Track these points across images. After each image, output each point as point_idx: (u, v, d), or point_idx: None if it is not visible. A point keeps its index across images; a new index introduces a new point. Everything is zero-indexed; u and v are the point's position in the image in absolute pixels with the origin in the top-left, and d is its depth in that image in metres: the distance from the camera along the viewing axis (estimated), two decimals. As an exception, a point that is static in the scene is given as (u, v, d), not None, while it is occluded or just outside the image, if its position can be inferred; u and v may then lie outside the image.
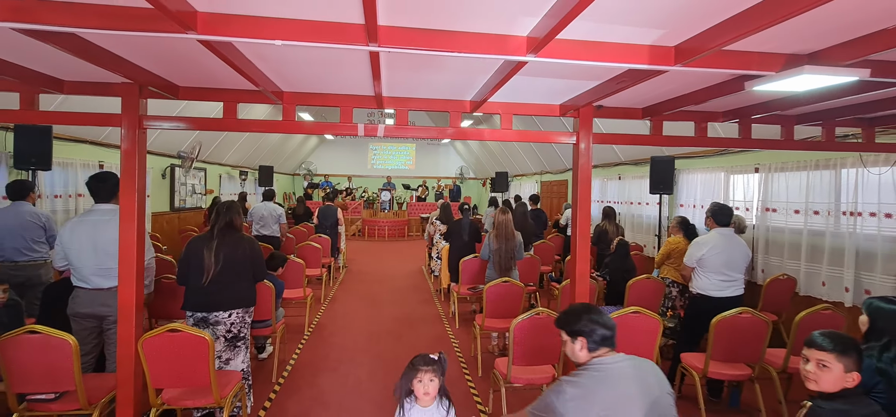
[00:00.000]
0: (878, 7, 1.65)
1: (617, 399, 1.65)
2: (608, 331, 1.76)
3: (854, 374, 1.79)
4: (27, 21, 1.58)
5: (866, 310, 2.23)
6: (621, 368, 1.71)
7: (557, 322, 1.90)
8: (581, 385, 1.68)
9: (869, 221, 4.17)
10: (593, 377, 1.69)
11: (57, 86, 2.73)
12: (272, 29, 1.72)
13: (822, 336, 1.86)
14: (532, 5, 1.64)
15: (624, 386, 1.67)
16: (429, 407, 1.98)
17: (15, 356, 2.53)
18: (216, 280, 3.11)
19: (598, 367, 1.71)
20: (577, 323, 1.78)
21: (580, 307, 1.88)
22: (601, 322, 1.77)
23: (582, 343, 1.77)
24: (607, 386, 1.66)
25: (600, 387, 1.66)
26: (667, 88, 2.75)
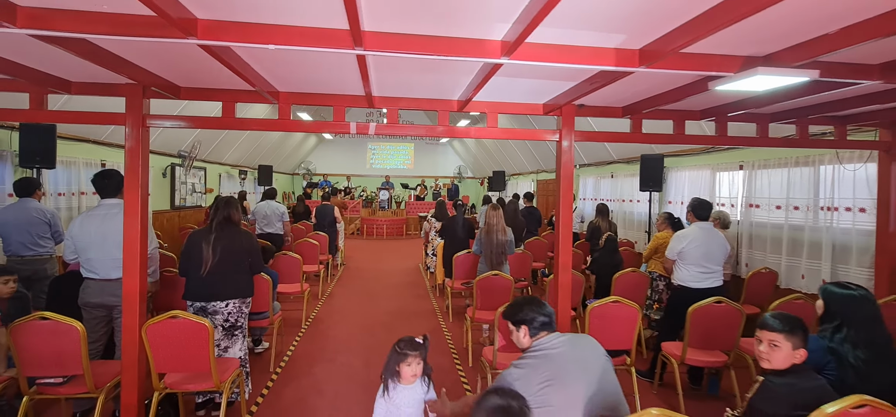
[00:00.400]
0: (823, 12, 1.81)
1: (555, 371, 1.85)
2: (546, 318, 1.97)
3: (801, 351, 1.96)
4: (44, 28, 1.74)
5: (822, 295, 2.39)
6: (558, 345, 1.91)
7: (504, 314, 2.10)
8: (523, 366, 1.90)
9: (844, 216, 4.32)
10: (535, 356, 1.90)
11: (65, 87, 2.89)
12: (266, 34, 1.88)
13: (773, 317, 2.02)
14: (504, 12, 1.80)
15: (560, 360, 1.88)
16: (412, 385, 2.14)
17: (26, 341, 2.69)
18: (214, 271, 3.27)
19: (538, 348, 1.93)
20: (520, 313, 1.99)
21: (523, 299, 2.07)
22: (540, 311, 1.98)
23: (524, 330, 1.99)
24: (546, 362, 1.87)
25: (541, 364, 1.86)
26: (641, 88, 2.91)
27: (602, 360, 1.95)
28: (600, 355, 1.97)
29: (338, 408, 3.56)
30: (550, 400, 1.80)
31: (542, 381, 1.81)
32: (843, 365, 2.16)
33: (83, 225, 3.27)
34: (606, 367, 1.94)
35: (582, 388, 1.84)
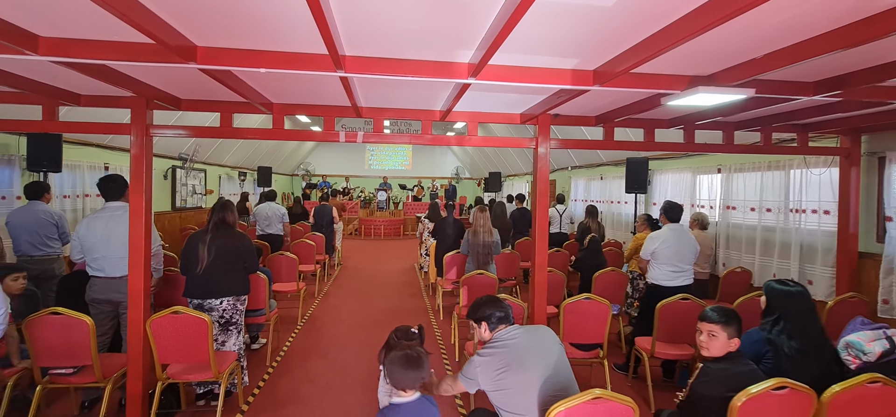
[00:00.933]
0: (749, 40, 2.04)
1: (511, 358, 2.09)
2: (502, 313, 2.21)
3: (736, 340, 2.19)
4: (62, 55, 1.98)
5: (765, 292, 2.62)
6: (515, 336, 2.15)
7: (467, 315, 2.33)
8: (484, 355, 2.14)
9: (811, 218, 4.56)
10: (494, 347, 2.15)
11: (75, 100, 3.13)
12: (258, 59, 2.12)
13: (712, 310, 2.26)
14: (467, 40, 2.04)
15: (517, 349, 2.12)
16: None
17: (39, 334, 2.93)
18: (209, 270, 3.48)
19: (497, 340, 2.17)
20: (479, 311, 2.23)
21: (482, 299, 2.30)
22: (497, 307, 2.22)
23: (484, 326, 2.22)
24: (504, 351, 2.12)
25: (500, 352, 2.11)
26: (607, 100, 3.14)
27: (556, 348, 2.18)
28: (555, 343, 2.20)
29: (329, 398, 3.79)
30: (507, 384, 2.03)
31: (499, 367, 2.04)
32: (779, 355, 2.39)
33: (89, 227, 3.50)
34: (560, 354, 2.18)
35: (537, 373, 2.07)
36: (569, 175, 10.57)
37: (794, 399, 2.00)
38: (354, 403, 3.71)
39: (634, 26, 1.87)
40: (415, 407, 1.84)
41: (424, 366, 1.86)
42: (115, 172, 4.28)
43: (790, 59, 2.04)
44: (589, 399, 1.86)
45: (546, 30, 1.91)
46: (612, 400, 1.89)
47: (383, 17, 1.83)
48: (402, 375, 1.83)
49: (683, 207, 4.24)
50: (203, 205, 10.62)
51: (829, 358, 2.42)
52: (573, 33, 1.97)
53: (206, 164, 10.82)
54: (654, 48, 1.95)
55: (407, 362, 1.82)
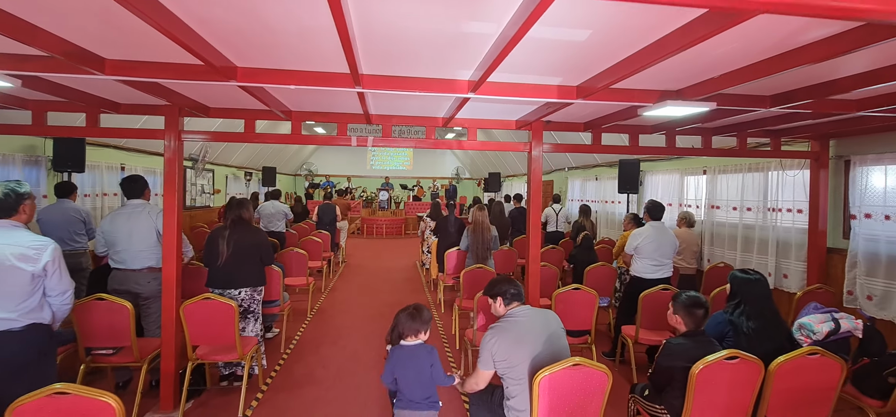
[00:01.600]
0: (704, 63, 2.39)
1: (520, 332, 2.40)
2: (516, 291, 2.52)
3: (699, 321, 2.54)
4: (124, 75, 2.33)
5: (729, 280, 2.98)
6: (524, 313, 2.46)
7: (485, 290, 2.66)
8: (497, 329, 2.44)
9: (786, 216, 4.91)
10: (507, 321, 2.46)
11: (115, 108, 3.49)
12: (289, 77, 2.47)
13: (681, 295, 2.61)
14: (467, 62, 2.39)
15: (525, 324, 2.43)
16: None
17: (85, 317, 3.28)
18: (228, 263, 3.82)
19: (510, 315, 2.48)
20: (496, 287, 2.55)
21: (499, 278, 2.63)
22: (513, 285, 2.54)
23: (500, 301, 2.53)
24: (515, 325, 2.43)
25: (511, 327, 2.42)
26: (592, 110, 3.50)
27: (559, 329, 2.49)
28: (558, 325, 2.51)
29: (341, 380, 4.14)
30: (514, 355, 2.36)
31: (511, 340, 2.37)
32: (738, 333, 2.75)
33: (112, 223, 3.82)
34: (561, 336, 2.49)
35: (538, 347, 2.38)
36: (565, 176, 10.92)
37: (744, 368, 2.35)
38: (365, 383, 4.06)
39: (606, 54, 2.22)
40: (415, 348, 2.49)
41: (424, 316, 2.50)
42: (132, 172, 4.62)
43: (739, 79, 2.40)
44: (569, 365, 2.22)
45: (533, 56, 2.26)
46: (589, 367, 2.25)
47: (397, 44, 2.18)
48: (408, 324, 2.46)
49: (664, 206, 4.59)
50: (211, 204, 10.97)
51: (783, 337, 2.77)
52: (556, 59, 2.33)
53: (214, 165, 11.18)
54: (625, 71, 2.31)
55: (411, 315, 2.47)
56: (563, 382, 2.21)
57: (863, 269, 4.08)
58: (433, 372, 2.46)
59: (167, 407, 3.49)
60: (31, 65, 2.32)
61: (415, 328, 2.48)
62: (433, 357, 2.50)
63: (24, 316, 2.38)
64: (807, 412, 2.51)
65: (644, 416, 2.73)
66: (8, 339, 2.34)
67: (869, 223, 4.04)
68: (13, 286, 2.34)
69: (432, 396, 2.49)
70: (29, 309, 2.39)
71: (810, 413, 2.52)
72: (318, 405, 3.68)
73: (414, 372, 2.44)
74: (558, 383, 2.21)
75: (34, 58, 2.30)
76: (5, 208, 2.40)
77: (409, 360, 2.46)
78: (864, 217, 4.08)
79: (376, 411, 3.58)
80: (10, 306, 2.34)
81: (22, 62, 2.32)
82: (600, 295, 5.03)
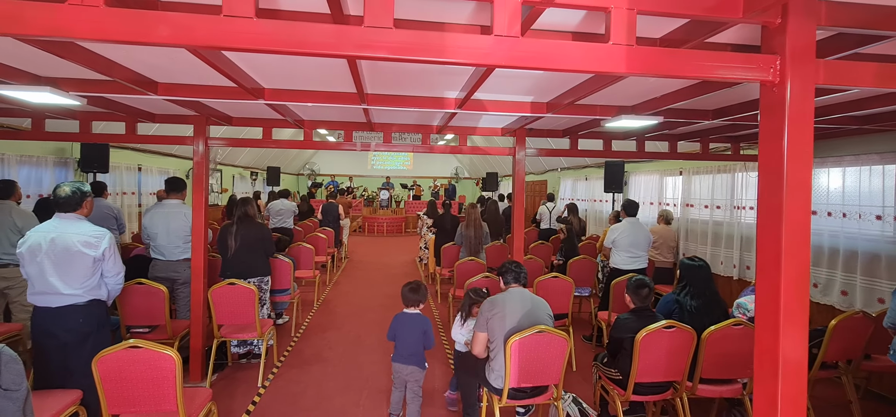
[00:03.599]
0: (639, 90, 2.91)
1: (505, 307, 2.89)
2: (514, 274, 3.02)
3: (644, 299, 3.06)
4: (173, 95, 2.85)
5: (679, 266, 3.49)
6: (513, 292, 2.96)
7: (497, 270, 3.18)
8: (489, 301, 2.97)
9: (749, 214, 5.42)
10: (502, 296, 2.96)
11: (151, 118, 4.01)
12: (307, 96, 2.99)
13: (631, 280, 3.12)
14: (453, 85, 2.91)
15: (510, 301, 2.92)
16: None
17: (127, 299, 3.79)
18: (236, 255, 4.33)
19: (506, 292, 2.98)
20: (501, 269, 3.09)
21: (508, 263, 3.11)
22: (512, 271, 3.03)
23: (502, 280, 3.05)
24: (506, 299, 2.93)
25: (500, 300, 2.92)
26: (565, 120, 4.01)
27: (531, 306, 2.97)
28: (537, 305, 2.97)
29: (345, 359, 4.66)
30: (495, 321, 2.87)
31: (497, 311, 2.87)
32: (683, 311, 3.26)
33: (152, 219, 4.36)
34: (536, 312, 2.95)
35: (513, 319, 2.88)
36: (558, 176, 11.43)
37: (679, 336, 2.86)
38: (366, 362, 4.58)
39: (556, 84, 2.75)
40: (413, 316, 3.25)
41: (421, 293, 3.24)
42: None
43: (670, 100, 2.93)
44: (535, 331, 2.73)
45: (507, 82, 2.78)
46: (551, 333, 2.76)
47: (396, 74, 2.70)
48: (409, 297, 3.22)
49: (638, 204, 5.10)
50: (219, 202, 11.50)
51: (720, 314, 3.28)
52: (525, 84, 2.86)
53: (222, 165, 11.71)
54: (579, 94, 2.83)
55: (412, 289, 3.23)
56: (529, 345, 2.73)
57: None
58: (425, 338, 3.06)
59: (195, 378, 4.01)
60: (96, 87, 2.83)
61: (415, 300, 3.24)
62: (426, 325, 3.13)
63: (87, 292, 2.89)
64: (735, 372, 3.03)
65: (604, 380, 3.24)
66: (75, 311, 2.85)
67: (814, 220, 4.55)
68: (79, 267, 2.85)
69: (419, 355, 3.18)
70: (91, 287, 2.90)
71: (738, 373, 3.04)
72: (325, 379, 4.19)
73: (409, 334, 3.13)
74: (526, 346, 2.72)
75: (100, 82, 2.81)
76: (72, 203, 2.90)
77: (408, 324, 3.17)
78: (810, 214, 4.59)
79: (376, 385, 4.09)
80: (76, 284, 2.85)
81: (88, 85, 2.84)
82: (581, 286, 5.56)
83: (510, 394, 2.83)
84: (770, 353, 1.64)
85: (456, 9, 1.83)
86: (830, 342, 3.13)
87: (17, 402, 2.20)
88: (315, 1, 1.72)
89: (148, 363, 2.33)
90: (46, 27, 1.30)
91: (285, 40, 1.39)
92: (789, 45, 1.58)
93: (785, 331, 1.60)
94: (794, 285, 1.59)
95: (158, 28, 1.33)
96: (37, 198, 5.54)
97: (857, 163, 4.20)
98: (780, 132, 1.59)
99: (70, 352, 2.85)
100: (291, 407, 3.64)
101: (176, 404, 2.39)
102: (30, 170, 5.70)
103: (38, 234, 2.77)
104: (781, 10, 1.57)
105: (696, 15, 1.59)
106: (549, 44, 1.57)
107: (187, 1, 1.76)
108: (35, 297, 2.80)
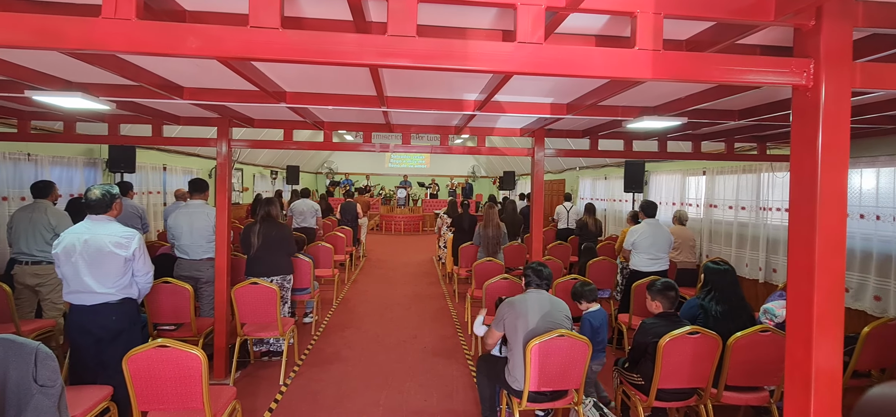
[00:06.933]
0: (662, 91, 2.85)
1: (523, 308, 2.89)
2: (537, 279, 3.00)
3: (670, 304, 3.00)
4: (197, 99, 2.91)
5: (703, 270, 3.41)
6: (534, 295, 2.95)
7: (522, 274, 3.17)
8: (508, 302, 2.97)
9: (775, 215, 5.27)
10: (522, 298, 2.96)
11: (176, 120, 4.10)
12: (328, 99, 3.02)
13: (656, 283, 3.07)
14: (472, 87, 2.90)
15: (532, 303, 2.91)
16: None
17: (154, 297, 3.90)
18: (259, 254, 4.41)
19: (526, 294, 2.97)
20: (525, 272, 3.06)
21: (533, 265, 3.09)
22: (536, 276, 3.01)
23: (525, 282, 3.03)
24: (522, 302, 2.92)
25: (519, 302, 2.92)
26: (585, 121, 3.96)
27: (549, 308, 2.96)
28: (556, 308, 2.97)
29: (365, 358, 4.71)
30: (512, 322, 2.87)
31: (515, 312, 2.87)
32: (707, 316, 3.20)
33: (176, 219, 4.48)
34: (555, 315, 2.95)
35: (531, 322, 2.87)
36: (577, 175, 11.31)
37: (704, 341, 2.80)
38: (387, 360, 4.61)
39: (587, 82, 2.72)
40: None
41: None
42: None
43: (694, 101, 2.86)
44: (555, 335, 2.71)
45: (526, 84, 2.76)
46: (572, 337, 2.73)
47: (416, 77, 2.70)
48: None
49: (657, 205, 5.00)
50: (240, 200, 11.72)
51: (746, 319, 3.20)
52: (545, 86, 2.83)
53: (243, 164, 11.93)
54: (601, 96, 2.79)
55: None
56: (550, 349, 2.71)
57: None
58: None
59: (219, 376, 4.10)
60: (125, 92, 2.91)
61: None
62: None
63: (119, 291, 2.98)
64: (762, 380, 2.95)
65: (625, 385, 3.20)
66: (108, 309, 2.94)
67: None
68: (111, 267, 2.94)
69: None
70: (123, 285, 2.99)
71: (765, 381, 2.96)
72: (345, 379, 4.24)
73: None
74: (546, 350, 2.70)
75: (128, 87, 2.89)
76: (103, 205, 2.99)
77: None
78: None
79: (395, 385, 4.12)
80: (109, 283, 2.94)
81: (117, 90, 2.93)
82: (601, 288, 5.49)
83: (530, 397, 2.82)
84: (802, 364, 1.60)
85: (478, 15, 1.83)
86: (863, 350, 3.03)
87: (52, 398, 2.28)
88: (338, 9, 1.74)
89: (176, 362, 2.39)
90: (83, 41, 1.34)
91: (310, 50, 1.41)
92: (824, 47, 1.53)
93: (818, 343, 1.55)
94: (829, 295, 1.54)
95: (188, 40, 1.36)
96: (68, 197, 5.74)
97: (892, 163, 4.04)
98: (813, 138, 1.54)
99: (104, 348, 2.95)
100: (312, 406, 3.69)
101: (202, 402, 2.45)
102: (61, 170, 5.91)
103: (72, 236, 2.86)
104: (816, 11, 1.52)
105: (726, 18, 1.55)
106: (572, 50, 1.55)
107: (213, 11, 1.79)
108: (71, 296, 2.90)
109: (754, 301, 4.90)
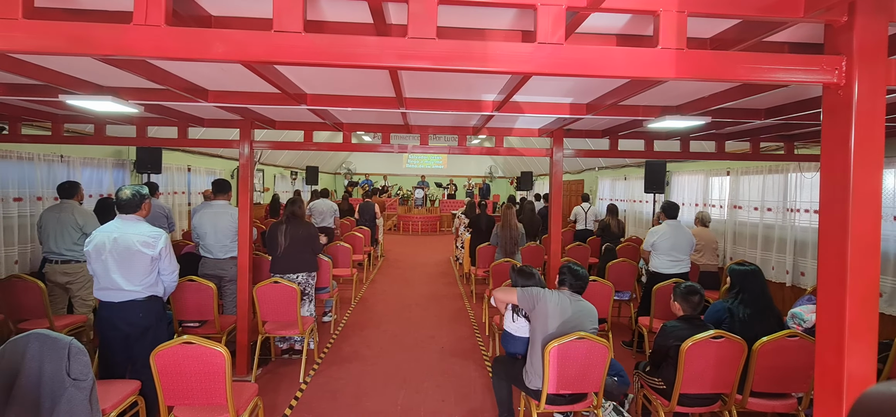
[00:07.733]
0: (685, 90, 2.79)
1: (548, 305, 2.85)
2: (571, 279, 2.97)
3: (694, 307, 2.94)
4: (221, 102, 2.98)
5: (729, 272, 3.33)
6: (563, 296, 2.91)
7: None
8: (542, 293, 2.91)
9: (803, 216, 5.11)
10: (555, 294, 2.90)
11: (200, 122, 4.21)
12: (348, 101, 3.05)
13: (680, 285, 3.01)
14: (491, 88, 2.89)
15: (560, 303, 2.86)
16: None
17: (179, 295, 4.00)
18: (286, 252, 4.50)
19: (558, 293, 2.93)
20: (560, 272, 3.03)
21: (566, 267, 3.06)
22: (571, 275, 2.98)
23: (559, 280, 3.01)
24: (555, 299, 2.87)
25: (549, 297, 2.87)
26: (605, 121, 3.91)
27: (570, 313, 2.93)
28: (579, 312, 2.93)
29: (383, 357, 4.74)
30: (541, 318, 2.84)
31: (541, 304, 2.85)
32: (734, 319, 3.12)
33: (201, 219, 4.59)
34: (577, 319, 2.92)
35: (554, 322, 2.85)
36: (596, 175, 11.17)
37: (728, 346, 2.74)
38: (404, 360, 4.64)
39: (607, 82, 2.68)
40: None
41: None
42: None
43: (718, 100, 2.80)
44: (575, 338, 2.68)
45: (545, 84, 2.74)
46: (591, 340, 2.70)
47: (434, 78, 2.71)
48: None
49: (679, 206, 4.90)
50: (261, 200, 11.93)
51: (774, 323, 3.11)
52: (565, 85, 2.80)
53: (263, 165, 12.14)
54: (621, 95, 2.75)
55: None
56: (569, 351, 2.68)
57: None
58: None
59: (241, 373, 4.18)
60: (152, 95, 3.00)
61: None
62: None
63: (146, 289, 3.07)
64: (789, 387, 2.87)
65: (646, 389, 3.15)
66: (135, 307, 3.03)
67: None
68: (139, 266, 3.02)
69: None
70: (149, 284, 3.08)
71: (792, 388, 2.87)
72: (364, 378, 4.27)
73: None
74: (565, 352, 2.68)
75: (156, 90, 2.98)
76: (132, 205, 3.08)
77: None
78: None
79: (413, 384, 4.13)
80: (136, 281, 3.03)
81: (145, 93, 3.02)
82: (620, 289, 5.42)
83: (549, 400, 2.80)
84: (833, 371, 1.54)
85: (497, 15, 1.82)
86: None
87: (84, 392, 2.37)
88: (359, 13, 1.76)
89: (200, 358, 2.45)
90: (114, 47, 1.39)
91: (332, 53, 1.43)
92: (857, 44, 1.48)
93: (850, 349, 1.50)
94: (862, 300, 1.49)
95: (214, 45, 1.39)
96: (97, 197, 5.94)
97: (929, 163, 3.88)
98: (845, 138, 1.49)
99: (132, 344, 3.05)
100: (332, 404, 3.74)
101: (226, 398, 2.50)
102: (92, 171, 6.11)
103: (103, 234, 2.96)
104: (848, 7, 1.47)
105: (754, 15, 1.51)
106: (593, 50, 1.53)
107: (238, 15, 1.83)
108: (100, 293, 3.00)
109: (781, 304, 4.75)
